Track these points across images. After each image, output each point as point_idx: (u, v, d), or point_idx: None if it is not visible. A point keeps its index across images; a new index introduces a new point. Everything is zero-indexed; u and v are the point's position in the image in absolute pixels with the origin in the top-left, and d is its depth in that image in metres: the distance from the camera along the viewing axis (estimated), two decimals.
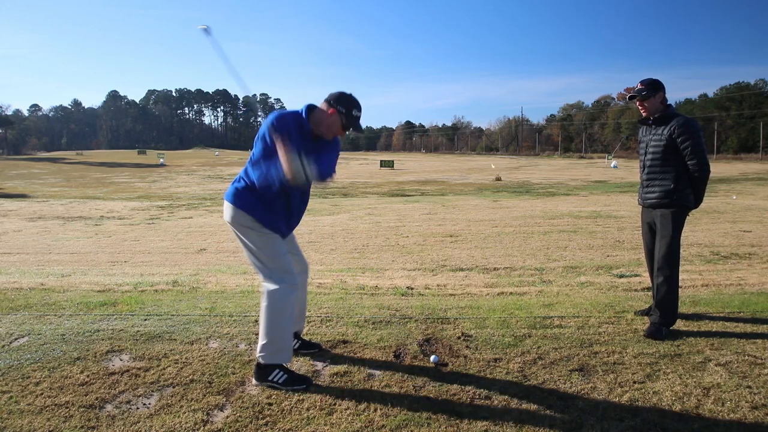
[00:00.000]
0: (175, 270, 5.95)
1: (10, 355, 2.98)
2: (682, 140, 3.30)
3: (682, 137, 3.30)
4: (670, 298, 3.36)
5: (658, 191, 3.42)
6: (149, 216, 12.53)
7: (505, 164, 45.90)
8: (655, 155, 3.44)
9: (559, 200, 14.74)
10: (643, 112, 3.50)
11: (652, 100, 3.44)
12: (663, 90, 3.45)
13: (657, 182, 3.44)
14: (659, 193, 3.42)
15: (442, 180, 27.19)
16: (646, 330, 3.34)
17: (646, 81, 3.48)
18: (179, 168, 44.41)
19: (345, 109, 2.69)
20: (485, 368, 2.81)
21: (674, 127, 3.32)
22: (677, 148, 3.33)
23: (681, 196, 3.36)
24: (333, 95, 2.71)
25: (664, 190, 3.39)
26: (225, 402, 2.46)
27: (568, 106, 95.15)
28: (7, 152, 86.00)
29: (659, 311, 3.38)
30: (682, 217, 3.40)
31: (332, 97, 2.70)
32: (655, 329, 3.29)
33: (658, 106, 3.45)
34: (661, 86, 3.44)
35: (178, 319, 3.64)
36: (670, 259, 3.36)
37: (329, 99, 2.70)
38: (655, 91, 3.42)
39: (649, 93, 3.43)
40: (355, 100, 2.73)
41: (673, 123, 3.34)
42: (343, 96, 2.72)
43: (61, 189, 25.26)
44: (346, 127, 2.75)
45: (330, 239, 8.16)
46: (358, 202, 15.35)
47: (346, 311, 3.80)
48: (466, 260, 6.26)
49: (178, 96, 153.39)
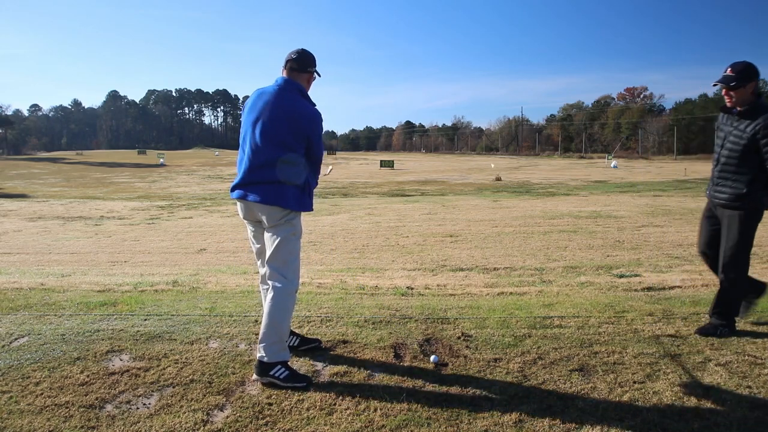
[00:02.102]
0: (175, 270, 5.94)
1: (10, 355, 2.98)
2: (765, 143, 2.92)
3: (766, 140, 2.92)
4: (731, 300, 3.24)
5: (729, 193, 3.12)
6: (149, 216, 12.52)
7: (505, 164, 45.89)
8: (732, 152, 3.08)
9: (559, 200, 14.73)
10: (729, 102, 3.06)
11: (741, 91, 2.99)
12: (756, 78, 2.98)
13: (729, 183, 3.12)
14: (730, 195, 3.12)
15: (442, 180, 27.19)
16: (700, 328, 3.24)
17: (738, 66, 2.98)
18: (179, 168, 44.41)
19: (316, 68, 2.86)
20: (485, 368, 2.81)
21: (760, 126, 2.92)
22: (758, 149, 2.96)
23: (753, 199, 3.06)
24: (305, 60, 2.79)
25: (735, 193, 3.09)
26: (225, 402, 2.46)
27: (568, 106, 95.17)
28: (7, 152, 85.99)
29: (720, 311, 3.25)
30: (752, 221, 3.11)
31: (306, 63, 2.79)
32: (711, 328, 3.21)
33: (747, 97, 2.99)
34: (755, 74, 2.97)
35: (178, 319, 3.64)
36: (734, 262, 3.17)
37: (304, 66, 2.79)
38: (747, 80, 2.96)
39: (738, 83, 2.96)
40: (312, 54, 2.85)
41: (760, 121, 2.93)
42: (311, 56, 2.82)
43: (61, 189, 25.26)
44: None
45: (330, 239, 8.16)
46: (358, 202, 15.35)
47: (346, 311, 3.80)
48: (466, 260, 6.26)
49: (178, 96, 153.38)
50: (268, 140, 2.67)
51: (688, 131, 67.86)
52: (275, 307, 2.66)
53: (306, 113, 2.72)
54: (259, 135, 2.69)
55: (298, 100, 2.73)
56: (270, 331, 2.64)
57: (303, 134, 2.69)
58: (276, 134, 2.67)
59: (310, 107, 2.77)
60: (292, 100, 2.71)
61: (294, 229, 2.74)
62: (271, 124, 2.68)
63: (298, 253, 2.79)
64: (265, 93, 2.77)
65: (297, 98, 2.73)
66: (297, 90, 2.75)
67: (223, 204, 15.62)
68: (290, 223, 2.72)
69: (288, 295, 2.69)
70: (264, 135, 2.68)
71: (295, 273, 2.75)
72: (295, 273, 2.74)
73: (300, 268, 2.82)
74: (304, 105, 2.74)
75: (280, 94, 2.73)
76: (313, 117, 2.75)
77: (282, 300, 2.67)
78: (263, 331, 2.67)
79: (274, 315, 2.65)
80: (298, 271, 2.78)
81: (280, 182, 2.67)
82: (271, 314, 2.65)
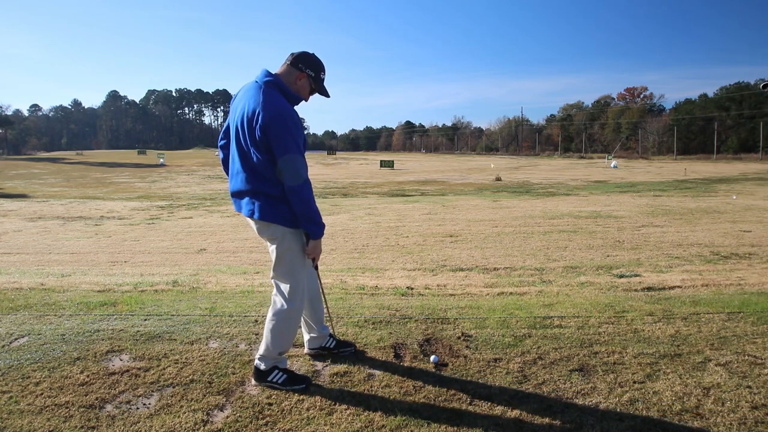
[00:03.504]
0: (175, 270, 5.94)
1: (10, 355, 2.98)
2: None
3: None
4: None
5: None
6: (149, 216, 12.52)
7: (505, 164, 45.88)
8: None
9: (559, 200, 14.73)
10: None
11: None
12: None
13: None
14: None
15: (442, 180, 27.18)
16: None
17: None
18: (179, 168, 44.40)
19: (314, 73, 2.51)
20: (485, 368, 2.80)
21: None
22: None
23: None
24: (299, 57, 2.50)
25: None
26: (225, 402, 2.46)
27: (568, 106, 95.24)
28: (7, 152, 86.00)
29: None
30: None
31: (299, 60, 2.50)
32: None
33: None
34: None
35: (178, 319, 3.64)
36: None
37: (295, 62, 2.49)
38: None
39: None
40: (322, 61, 2.55)
41: None
42: (310, 58, 2.52)
43: (61, 189, 25.25)
44: (312, 92, 2.58)
45: (330, 239, 8.15)
46: (358, 202, 15.34)
47: (346, 311, 3.80)
48: (466, 260, 6.26)
49: (178, 96, 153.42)
50: (237, 147, 2.49)
51: (688, 131, 67.87)
52: (273, 325, 2.56)
53: (261, 109, 2.33)
54: (233, 140, 2.51)
55: (260, 95, 2.38)
56: (268, 346, 2.59)
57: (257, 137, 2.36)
58: (240, 140, 2.45)
59: (270, 101, 2.36)
60: (255, 96, 2.39)
61: (288, 244, 2.52)
62: (236, 130, 2.46)
63: (297, 272, 2.56)
64: (239, 91, 2.59)
65: (260, 93, 2.38)
66: (272, 84, 2.42)
67: (223, 204, 15.61)
68: (281, 239, 2.51)
69: (286, 319, 2.56)
70: (235, 142, 2.49)
71: (295, 292, 2.56)
72: (294, 293, 2.56)
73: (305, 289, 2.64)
74: (265, 100, 2.35)
75: (247, 92, 2.47)
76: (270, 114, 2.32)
77: (279, 320, 2.56)
78: (262, 343, 2.62)
79: (272, 332, 2.57)
80: (299, 291, 2.58)
81: (254, 192, 2.46)
82: (270, 330, 2.57)
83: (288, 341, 2.65)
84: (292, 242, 2.53)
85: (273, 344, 2.58)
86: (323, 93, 2.62)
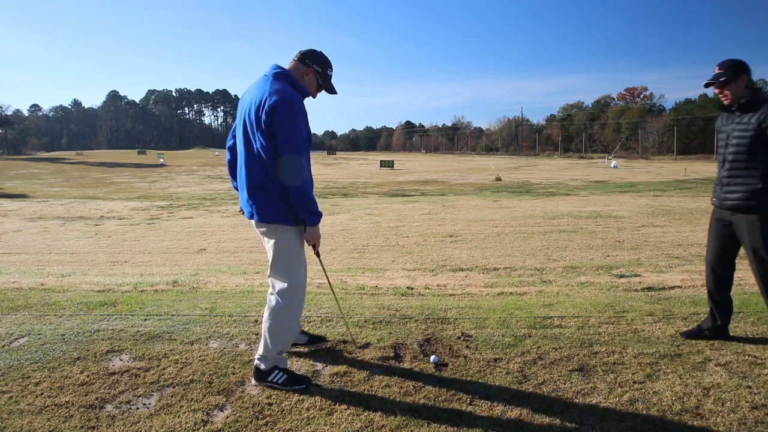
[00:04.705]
0: (175, 270, 5.94)
1: (10, 355, 2.98)
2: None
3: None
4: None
5: (742, 191, 2.92)
6: (149, 216, 12.52)
7: (505, 164, 45.88)
8: (739, 148, 2.93)
9: (559, 200, 14.73)
10: (725, 100, 3.01)
11: (733, 85, 2.95)
12: (747, 72, 2.95)
13: (740, 180, 2.94)
14: (743, 193, 2.92)
15: (442, 180, 27.18)
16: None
17: (725, 63, 2.98)
18: (179, 168, 44.39)
19: (321, 69, 2.56)
20: (485, 368, 2.80)
21: (765, 115, 2.82)
22: (766, 139, 2.82)
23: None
24: (307, 53, 2.55)
25: (749, 190, 2.89)
26: (225, 402, 2.46)
27: (568, 106, 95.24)
28: (7, 152, 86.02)
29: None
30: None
31: (306, 56, 2.55)
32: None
33: (742, 91, 2.95)
34: (745, 68, 2.95)
35: (178, 319, 3.64)
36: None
37: (303, 58, 2.54)
38: (737, 74, 2.93)
39: (729, 78, 2.94)
40: (329, 59, 2.60)
41: (764, 109, 2.84)
42: (318, 54, 2.57)
43: (61, 189, 25.25)
44: (319, 89, 2.61)
45: (330, 239, 8.15)
46: (358, 202, 15.34)
47: (346, 311, 3.80)
48: (466, 260, 6.26)
49: (178, 96, 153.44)
50: (243, 138, 2.51)
51: (688, 131, 67.86)
52: (270, 325, 2.55)
53: (268, 95, 2.34)
54: (240, 132, 2.53)
55: (269, 84, 2.41)
56: (267, 346, 2.58)
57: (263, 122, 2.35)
58: (246, 129, 2.47)
59: (278, 88, 2.37)
60: (264, 85, 2.42)
61: (286, 241, 2.51)
62: (244, 121, 2.49)
63: (295, 270, 2.55)
64: (248, 88, 2.59)
65: (269, 83, 2.42)
66: (281, 75, 2.46)
67: (223, 204, 15.62)
68: (279, 236, 2.50)
69: (284, 317, 2.55)
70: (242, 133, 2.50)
71: (293, 290, 2.54)
72: (292, 290, 2.54)
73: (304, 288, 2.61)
74: (272, 88, 2.37)
75: (256, 85, 2.50)
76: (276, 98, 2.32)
77: (276, 318, 2.55)
78: (262, 343, 2.62)
79: (270, 331, 2.56)
80: (297, 290, 2.55)
81: (255, 189, 2.47)
82: (268, 330, 2.57)
83: (287, 340, 2.65)
84: (290, 239, 2.53)
85: (272, 344, 2.58)
86: (330, 89, 2.66)
